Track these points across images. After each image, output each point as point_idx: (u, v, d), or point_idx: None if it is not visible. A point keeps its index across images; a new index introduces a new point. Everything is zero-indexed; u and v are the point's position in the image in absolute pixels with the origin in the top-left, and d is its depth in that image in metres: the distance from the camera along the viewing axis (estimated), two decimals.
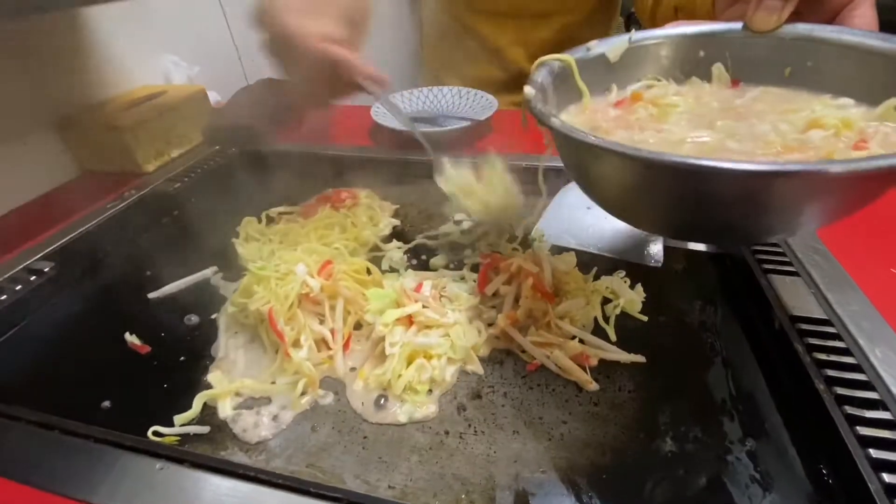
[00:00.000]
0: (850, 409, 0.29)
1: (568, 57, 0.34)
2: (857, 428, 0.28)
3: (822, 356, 0.32)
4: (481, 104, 0.72)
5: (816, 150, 0.26)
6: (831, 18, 0.31)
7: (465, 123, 0.66)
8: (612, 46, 0.35)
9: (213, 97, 0.77)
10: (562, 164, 0.32)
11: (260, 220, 0.54)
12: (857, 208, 0.25)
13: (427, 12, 0.93)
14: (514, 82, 0.84)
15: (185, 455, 0.29)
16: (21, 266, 0.46)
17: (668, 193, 0.26)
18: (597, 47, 0.35)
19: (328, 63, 0.36)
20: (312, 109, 0.47)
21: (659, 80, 0.36)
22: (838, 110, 0.29)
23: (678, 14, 0.63)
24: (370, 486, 0.29)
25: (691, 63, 0.35)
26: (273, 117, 0.76)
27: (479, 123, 0.67)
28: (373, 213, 0.54)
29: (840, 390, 0.30)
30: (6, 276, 0.45)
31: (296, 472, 0.30)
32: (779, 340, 0.35)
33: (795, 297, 0.37)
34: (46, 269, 0.46)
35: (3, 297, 0.43)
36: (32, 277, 0.45)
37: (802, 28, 0.31)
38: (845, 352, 0.32)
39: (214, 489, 0.28)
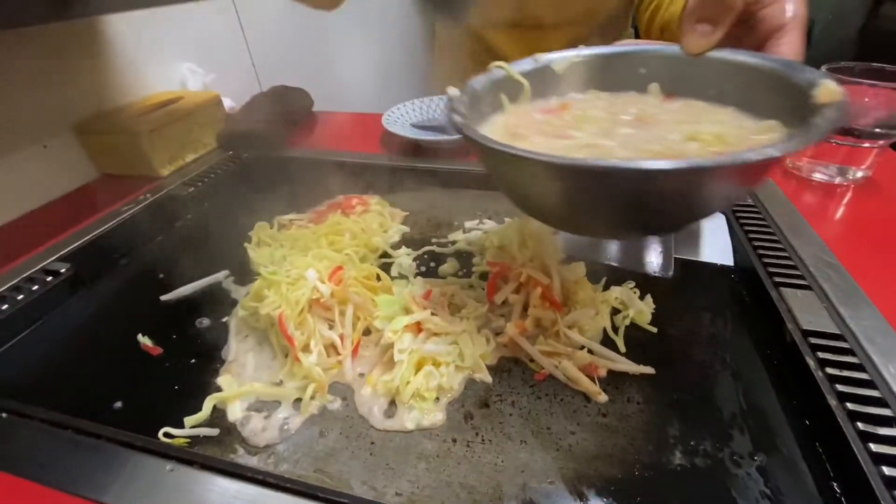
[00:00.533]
0: (862, 426, 0.28)
1: (504, 63, 0.37)
2: (870, 445, 0.27)
3: (835, 371, 0.32)
4: None
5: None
6: (761, 44, 0.32)
7: None
8: (560, 59, 0.38)
9: (228, 103, 0.78)
10: None
11: (272, 226, 0.54)
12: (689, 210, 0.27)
13: (439, 23, 0.94)
14: None
15: (194, 457, 0.30)
16: (38, 266, 0.47)
17: (544, 188, 0.28)
18: (544, 58, 0.38)
19: None
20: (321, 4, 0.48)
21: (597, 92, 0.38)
22: (718, 126, 0.31)
23: (663, 34, 0.66)
24: (377, 493, 0.29)
25: (633, 78, 0.37)
26: (286, 123, 0.77)
27: None
28: (383, 220, 0.54)
29: (852, 406, 0.29)
30: (24, 276, 0.46)
31: (303, 476, 0.30)
32: (790, 354, 0.35)
33: (807, 311, 0.37)
34: (63, 270, 0.47)
35: (21, 296, 0.44)
36: (49, 278, 0.46)
37: (725, 53, 0.33)
38: (858, 367, 0.32)
39: (223, 491, 0.28)
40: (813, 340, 0.34)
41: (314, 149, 0.69)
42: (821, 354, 0.33)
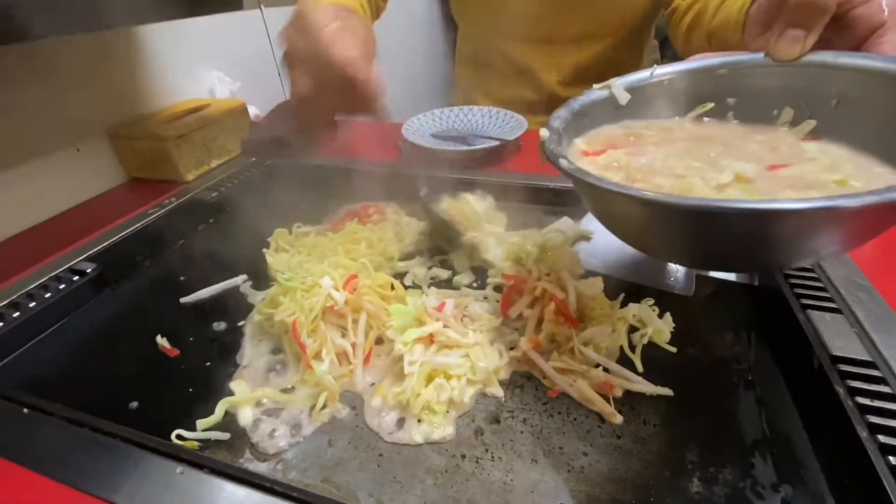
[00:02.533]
0: (895, 460, 0.27)
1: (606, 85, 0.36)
2: None
3: (866, 401, 0.30)
4: (511, 124, 0.72)
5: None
6: (858, 45, 0.30)
7: (493, 143, 0.67)
8: (632, 81, 0.37)
9: (253, 111, 0.80)
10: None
11: (290, 232, 0.55)
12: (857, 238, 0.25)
13: (461, 35, 0.95)
14: (546, 104, 0.84)
15: (204, 461, 0.30)
16: (66, 266, 0.49)
17: (667, 228, 0.27)
18: (618, 81, 0.37)
19: (349, 80, 0.38)
20: (315, 126, 0.51)
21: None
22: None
23: (710, 41, 0.63)
24: None
25: (712, 95, 0.36)
26: (307, 132, 0.78)
27: (508, 143, 0.67)
28: (399, 229, 0.55)
29: (884, 439, 0.28)
30: (51, 275, 0.47)
31: (310, 485, 0.30)
32: (818, 381, 0.33)
33: (837, 336, 0.35)
34: (89, 270, 0.48)
35: (48, 294, 0.45)
36: (75, 277, 0.48)
37: (826, 55, 0.30)
38: (891, 398, 0.30)
39: (230, 496, 0.28)
40: (843, 367, 0.33)
41: (335, 157, 0.70)
42: (851, 382, 0.31)
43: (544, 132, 0.32)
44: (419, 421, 0.34)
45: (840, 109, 0.31)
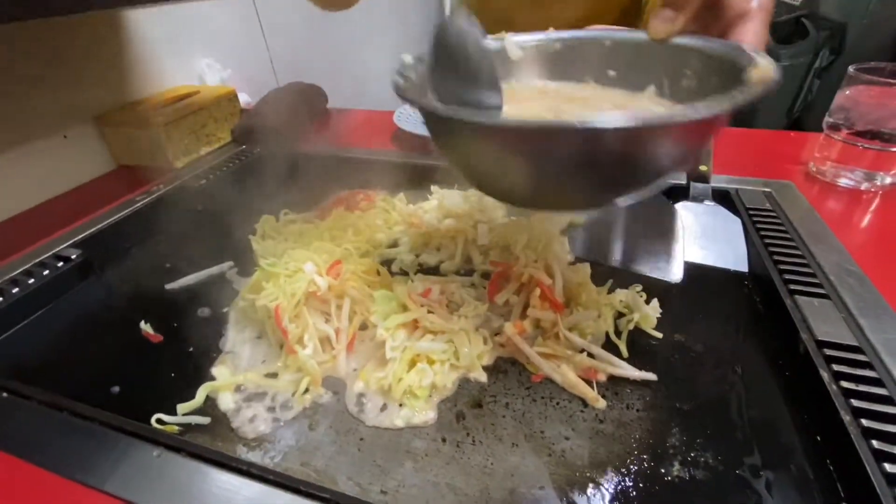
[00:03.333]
0: (878, 444, 0.26)
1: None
2: (885, 465, 0.25)
3: (850, 385, 0.30)
4: None
5: None
6: (725, 31, 0.32)
7: None
8: (519, 42, 0.38)
9: (244, 98, 0.79)
10: None
11: (278, 219, 0.55)
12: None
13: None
14: None
15: (182, 444, 0.30)
16: (51, 252, 0.48)
17: (503, 155, 0.27)
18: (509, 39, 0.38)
19: None
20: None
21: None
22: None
23: None
24: (362, 490, 0.29)
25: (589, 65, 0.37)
26: (299, 120, 0.78)
27: None
28: (387, 216, 0.54)
29: (868, 423, 0.28)
30: (36, 261, 0.47)
31: (289, 469, 0.30)
32: (803, 366, 0.33)
33: (824, 321, 0.35)
34: (74, 256, 0.48)
35: (31, 280, 0.45)
36: (60, 263, 0.47)
37: (682, 38, 0.33)
38: (876, 382, 0.30)
39: (207, 479, 0.28)
40: (828, 352, 0.32)
41: (326, 145, 0.69)
42: (836, 367, 0.31)
43: (406, 56, 0.33)
44: (401, 405, 0.33)
45: (689, 85, 0.33)
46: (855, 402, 0.29)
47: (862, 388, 0.30)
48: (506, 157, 0.26)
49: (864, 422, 0.28)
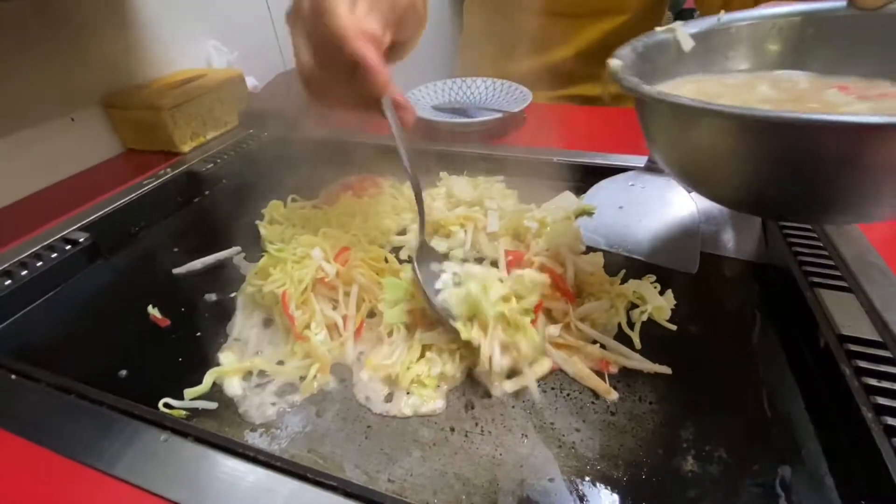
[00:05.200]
0: None
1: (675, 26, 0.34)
2: None
3: (873, 381, 0.29)
4: (515, 96, 0.70)
5: None
6: None
7: (496, 115, 0.64)
8: (701, 28, 0.34)
9: (251, 82, 0.78)
10: (581, 161, 0.31)
11: (285, 204, 0.54)
12: None
13: (468, 5, 0.91)
14: (554, 78, 0.81)
15: (189, 429, 0.29)
16: (59, 235, 0.48)
17: (771, 155, 0.24)
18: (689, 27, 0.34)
19: (354, 65, 0.31)
20: (323, 109, 0.41)
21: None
22: None
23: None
24: (369, 478, 0.29)
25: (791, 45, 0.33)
26: (306, 104, 0.76)
27: (511, 115, 0.65)
28: (395, 203, 0.53)
29: (890, 420, 0.27)
30: (44, 244, 0.47)
31: (296, 455, 0.30)
32: (823, 360, 0.32)
33: (846, 315, 0.34)
34: (82, 240, 0.48)
35: (40, 263, 0.45)
36: (68, 247, 0.47)
37: None
38: None
39: (214, 465, 0.28)
40: (850, 347, 0.31)
41: (333, 129, 0.68)
42: (858, 362, 0.30)
43: (615, 62, 0.30)
44: (408, 393, 0.33)
45: None
46: (878, 400, 0.28)
47: (885, 384, 0.29)
48: (770, 154, 0.24)
49: (888, 419, 0.27)
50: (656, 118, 0.29)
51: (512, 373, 0.34)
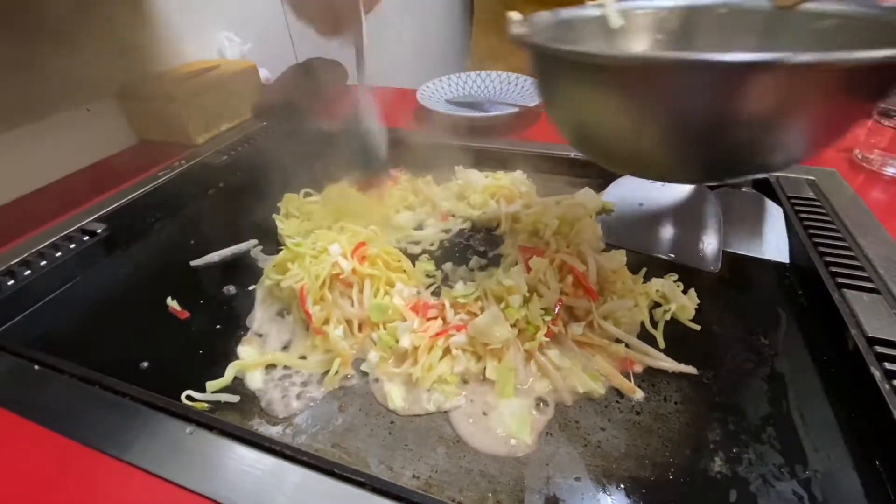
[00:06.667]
0: None
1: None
2: None
3: None
4: (529, 90, 0.69)
5: None
6: None
7: (511, 109, 0.64)
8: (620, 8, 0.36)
9: (264, 74, 0.78)
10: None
11: (301, 197, 0.54)
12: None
13: (480, 1, 0.90)
14: None
15: (214, 422, 0.29)
16: (76, 226, 0.48)
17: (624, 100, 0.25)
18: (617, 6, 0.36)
19: None
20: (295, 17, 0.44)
21: None
22: None
23: None
24: (394, 473, 0.28)
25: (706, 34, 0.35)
26: (320, 96, 0.76)
27: (526, 110, 0.64)
28: (412, 198, 0.53)
29: None
30: (62, 234, 0.47)
31: (320, 450, 0.30)
32: (851, 363, 0.32)
33: (875, 317, 0.33)
34: (99, 231, 0.48)
35: (58, 254, 0.45)
36: (86, 238, 0.47)
37: (814, 4, 0.30)
38: None
39: (239, 458, 0.28)
40: (879, 349, 0.31)
41: (347, 121, 0.68)
42: (888, 365, 0.30)
43: (515, 14, 0.31)
44: (428, 390, 0.33)
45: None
46: None
47: None
48: (641, 99, 0.25)
49: None
50: (545, 75, 0.30)
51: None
